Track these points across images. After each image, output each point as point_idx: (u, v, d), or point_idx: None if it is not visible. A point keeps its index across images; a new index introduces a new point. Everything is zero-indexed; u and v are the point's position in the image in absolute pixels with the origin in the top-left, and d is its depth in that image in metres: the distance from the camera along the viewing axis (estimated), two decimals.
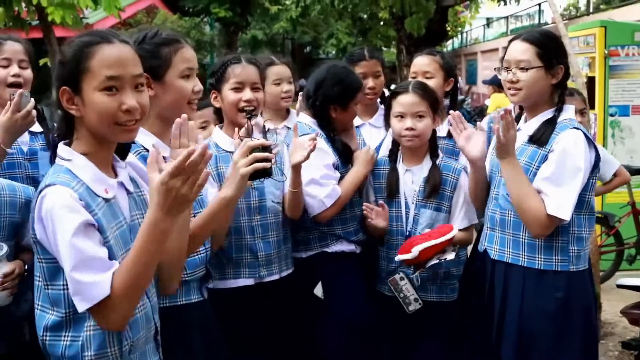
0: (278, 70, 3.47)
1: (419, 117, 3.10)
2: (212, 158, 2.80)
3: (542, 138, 2.80)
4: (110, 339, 1.84)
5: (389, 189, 3.20)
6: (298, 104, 3.73)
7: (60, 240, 1.74)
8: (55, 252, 1.78)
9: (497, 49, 18.23)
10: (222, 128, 2.99)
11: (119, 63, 1.85)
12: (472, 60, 22.03)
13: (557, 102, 2.88)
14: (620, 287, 3.37)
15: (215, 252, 2.85)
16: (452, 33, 26.67)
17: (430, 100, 3.14)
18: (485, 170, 3.07)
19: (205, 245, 2.45)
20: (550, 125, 2.81)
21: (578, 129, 2.77)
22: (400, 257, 2.99)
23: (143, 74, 1.91)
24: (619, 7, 12.02)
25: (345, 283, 3.18)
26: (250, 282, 2.92)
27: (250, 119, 2.65)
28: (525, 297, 2.83)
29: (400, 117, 3.12)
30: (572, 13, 19.51)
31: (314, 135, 2.91)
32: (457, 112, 3.08)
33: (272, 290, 2.95)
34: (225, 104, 2.90)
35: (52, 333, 1.85)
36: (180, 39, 2.41)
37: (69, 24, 7.93)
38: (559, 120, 2.82)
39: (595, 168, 2.83)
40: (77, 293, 1.75)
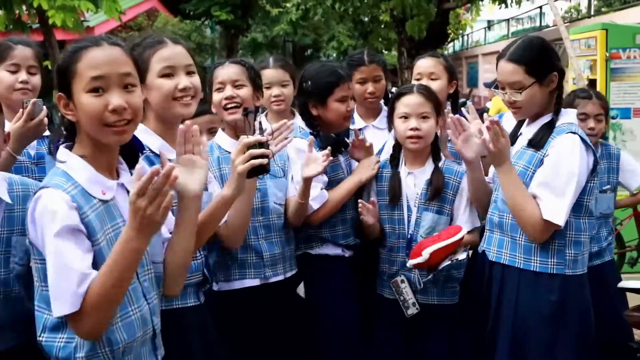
0: (268, 74, 3.48)
1: (424, 117, 3.09)
2: (213, 159, 2.84)
3: (539, 142, 2.81)
4: (101, 342, 1.84)
5: (392, 193, 3.18)
6: None
7: (47, 244, 1.77)
8: (44, 253, 1.80)
9: (498, 52, 18.20)
10: (224, 130, 3.02)
11: (105, 63, 1.85)
12: (473, 63, 22.06)
13: (554, 104, 2.87)
14: (622, 289, 3.38)
15: (221, 253, 2.88)
16: (453, 36, 26.71)
17: (434, 102, 3.14)
18: (482, 171, 3.08)
19: (201, 252, 2.45)
20: (548, 130, 2.81)
21: (575, 134, 2.76)
22: (412, 262, 2.97)
23: (132, 74, 1.91)
24: (620, 9, 12.04)
25: (329, 284, 3.18)
26: (256, 282, 2.92)
27: (247, 116, 2.66)
28: (520, 298, 2.83)
29: (405, 117, 3.11)
30: (573, 16, 19.51)
31: (310, 141, 2.93)
32: (457, 115, 3.08)
33: (277, 291, 2.96)
34: (214, 107, 2.97)
35: (48, 334, 1.86)
36: (163, 40, 2.40)
37: (70, 27, 7.96)
38: (558, 125, 2.82)
39: (594, 172, 2.82)
40: (54, 298, 1.77)
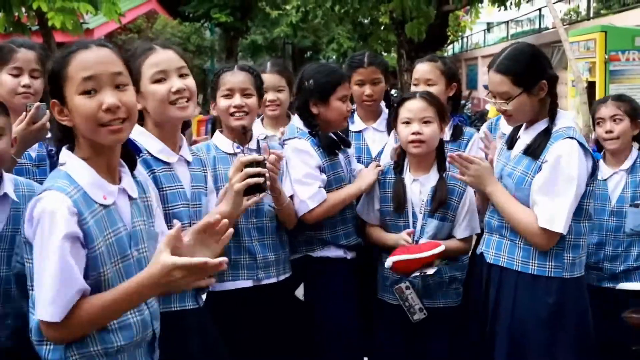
0: (264, 79, 3.48)
1: (426, 122, 3.09)
2: (209, 158, 2.86)
3: (536, 150, 2.81)
4: (95, 341, 1.85)
5: (397, 201, 3.18)
6: None
7: (43, 246, 1.76)
8: (34, 254, 1.80)
9: None
10: (222, 132, 3.03)
11: (95, 63, 1.85)
12: (472, 65, 22.05)
13: (549, 110, 2.87)
14: (621, 291, 3.36)
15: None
16: (452, 38, 26.71)
17: (437, 107, 3.13)
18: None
19: None
20: (545, 137, 2.81)
21: (573, 138, 2.76)
22: (386, 263, 3.03)
23: (124, 73, 1.91)
24: (619, 12, 12.03)
25: (330, 287, 3.20)
26: (249, 283, 2.94)
27: (245, 133, 2.68)
28: (518, 301, 2.84)
29: (407, 122, 3.11)
30: (572, 18, 19.51)
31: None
32: (460, 154, 3.02)
33: (269, 294, 2.97)
34: (218, 111, 2.97)
35: (37, 336, 1.85)
36: (152, 46, 2.42)
37: (69, 29, 7.96)
38: (555, 129, 2.81)
39: (593, 176, 2.83)
40: (38, 301, 1.78)
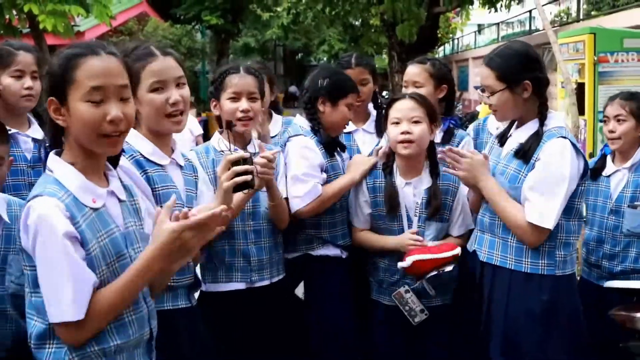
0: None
1: (415, 122, 3.09)
2: (208, 161, 2.87)
3: (528, 152, 2.83)
4: (91, 343, 1.85)
5: (390, 204, 3.17)
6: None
7: (44, 251, 1.78)
8: (35, 261, 1.81)
9: None
10: (221, 133, 3.04)
11: (104, 74, 1.86)
12: (463, 67, 22.08)
13: (538, 112, 2.89)
14: (608, 289, 3.39)
15: (209, 255, 2.93)
16: (443, 39, 26.76)
17: (427, 108, 3.14)
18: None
19: None
20: (536, 139, 2.83)
21: (565, 138, 2.80)
22: (400, 264, 3.03)
23: (128, 86, 1.93)
24: (609, 13, 12.10)
25: (328, 287, 3.22)
26: (242, 286, 2.96)
27: (231, 130, 2.71)
28: (511, 299, 2.87)
29: (396, 123, 3.12)
30: (563, 20, 19.59)
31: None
32: (451, 148, 3.05)
33: (262, 295, 2.98)
34: (223, 113, 2.96)
35: (37, 341, 1.86)
36: (154, 52, 2.42)
37: (61, 32, 7.94)
38: (547, 129, 2.84)
39: (584, 175, 2.86)
40: (51, 305, 1.79)
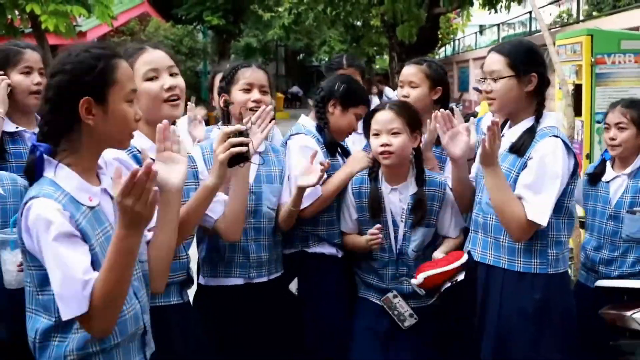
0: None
1: (394, 133, 3.09)
2: (194, 171, 2.87)
3: (521, 148, 2.87)
4: (93, 340, 1.90)
5: (372, 208, 3.19)
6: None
7: (46, 251, 1.82)
8: (42, 261, 1.84)
9: None
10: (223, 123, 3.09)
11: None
12: (464, 68, 22.09)
13: (535, 110, 2.94)
14: (599, 288, 3.41)
15: (209, 249, 2.98)
16: (444, 40, 26.77)
17: (408, 118, 3.13)
18: (467, 170, 3.15)
19: (185, 252, 2.54)
20: (530, 135, 2.87)
21: (557, 137, 2.84)
22: (412, 281, 3.05)
23: (136, 90, 2.01)
24: (610, 14, 12.11)
25: (322, 285, 3.25)
26: (240, 281, 3.00)
27: (228, 107, 2.81)
28: (504, 298, 2.90)
29: (376, 134, 3.13)
30: (565, 20, 19.57)
31: (314, 153, 2.99)
32: (446, 111, 3.10)
33: (260, 291, 3.02)
34: (235, 104, 3.03)
35: (42, 336, 1.91)
36: (143, 47, 2.49)
37: (62, 32, 8.00)
38: (540, 128, 2.89)
39: (574, 174, 2.90)
40: (61, 302, 1.83)
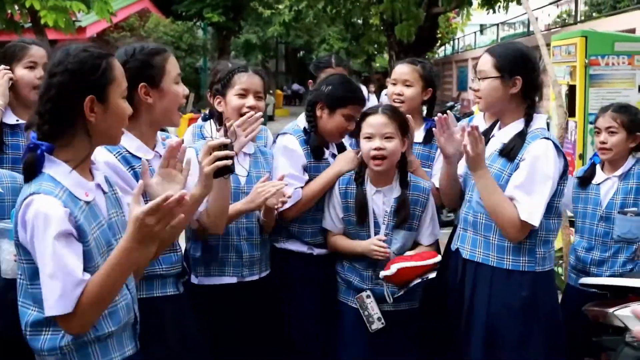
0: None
1: (387, 138, 3.12)
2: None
3: (511, 153, 2.91)
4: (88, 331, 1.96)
5: (359, 211, 3.22)
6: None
7: (41, 247, 1.86)
8: (34, 255, 1.90)
9: None
10: (219, 130, 3.12)
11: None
12: (463, 67, 22.14)
13: (524, 114, 2.98)
14: (583, 286, 3.45)
15: (203, 249, 3.02)
16: (444, 39, 26.77)
17: (399, 122, 3.17)
18: (456, 167, 3.18)
19: (179, 245, 2.63)
20: (520, 139, 2.92)
21: (548, 139, 2.89)
22: (382, 273, 3.06)
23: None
24: (608, 15, 12.15)
25: (290, 280, 3.28)
26: (233, 280, 3.05)
27: (227, 130, 2.84)
28: (493, 295, 2.95)
29: (369, 137, 3.14)
30: (566, 21, 19.55)
31: (283, 185, 2.96)
32: (444, 115, 3.12)
33: (252, 289, 3.07)
34: (229, 109, 3.07)
35: (33, 328, 1.96)
36: (167, 48, 2.58)
37: (62, 27, 8.03)
38: (531, 130, 2.93)
39: (564, 175, 2.95)
40: (47, 299, 1.88)
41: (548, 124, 4.96)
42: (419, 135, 3.52)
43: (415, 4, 13.06)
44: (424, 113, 3.73)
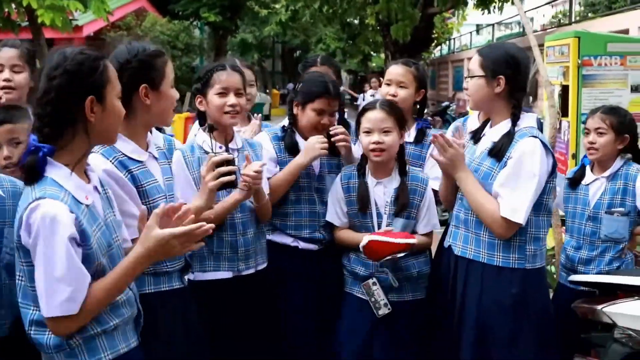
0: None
1: (386, 132, 3.24)
2: (194, 160, 3.01)
3: (499, 152, 2.95)
4: (92, 324, 2.02)
5: (361, 202, 3.32)
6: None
7: (48, 250, 1.90)
8: (34, 257, 1.93)
9: None
10: (205, 130, 3.11)
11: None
12: (459, 67, 22.18)
13: (511, 114, 3.01)
14: (573, 283, 3.51)
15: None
16: (440, 39, 26.81)
17: (397, 116, 3.28)
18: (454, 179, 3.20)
19: None
20: (508, 139, 2.96)
21: (536, 137, 2.93)
22: (360, 244, 3.18)
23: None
24: (602, 16, 12.20)
25: (275, 273, 3.31)
26: (229, 275, 3.09)
27: (213, 132, 2.91)
28: (484, 292, 2.99)
29: (368, 132, 3.27)
30: (562, 21, 19.58)
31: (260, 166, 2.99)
32: (443, 134, 3.10)
33: (248, 283, 3.12)
34: (211, 108, 3.08)
35: (37, 327, 2.01)
36: (164, 51, 2.63)
37: (59, 26, 8.05)
38: (519, 129, 2.97)
39: (553, 173, 2.99)
40: (47, 301, 1.92)
41: (541, 124, 5.03)
42: (411, 135, 3.58)
43: (411, 4, 13.11)
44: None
